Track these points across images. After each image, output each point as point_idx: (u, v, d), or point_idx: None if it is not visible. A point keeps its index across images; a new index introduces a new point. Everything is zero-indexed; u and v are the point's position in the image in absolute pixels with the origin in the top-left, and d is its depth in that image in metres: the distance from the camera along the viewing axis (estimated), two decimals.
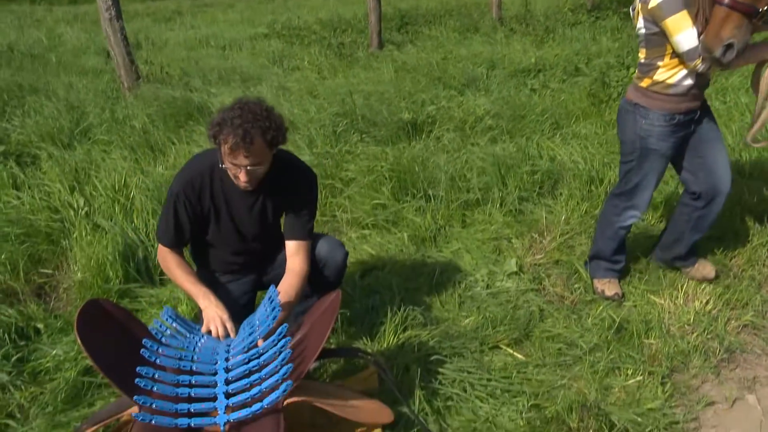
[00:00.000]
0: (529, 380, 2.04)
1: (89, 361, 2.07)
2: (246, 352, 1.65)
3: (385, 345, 2.18)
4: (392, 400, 1.91)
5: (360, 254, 2.80)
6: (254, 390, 1.54)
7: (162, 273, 2.79)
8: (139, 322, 1.79)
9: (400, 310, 2.29)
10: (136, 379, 1.51)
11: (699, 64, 2.03)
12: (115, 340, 1.66)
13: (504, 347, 2.20)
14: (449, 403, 1.94)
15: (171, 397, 1.52)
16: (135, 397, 1.48)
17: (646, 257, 2.67)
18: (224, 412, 1.53)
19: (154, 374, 1.57)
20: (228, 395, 1.56)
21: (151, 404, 1.49)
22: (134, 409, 1.52)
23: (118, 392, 1.98)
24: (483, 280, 2.59)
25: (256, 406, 1.50)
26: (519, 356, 2.15)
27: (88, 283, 2.60)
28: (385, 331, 2.22)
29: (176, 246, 1.95)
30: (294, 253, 1.98)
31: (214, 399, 1.56)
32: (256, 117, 1.74)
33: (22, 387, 2.06)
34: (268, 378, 1.55)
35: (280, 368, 1.55)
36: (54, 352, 2.19)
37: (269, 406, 1.50)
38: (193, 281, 1.89)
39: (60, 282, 2.73)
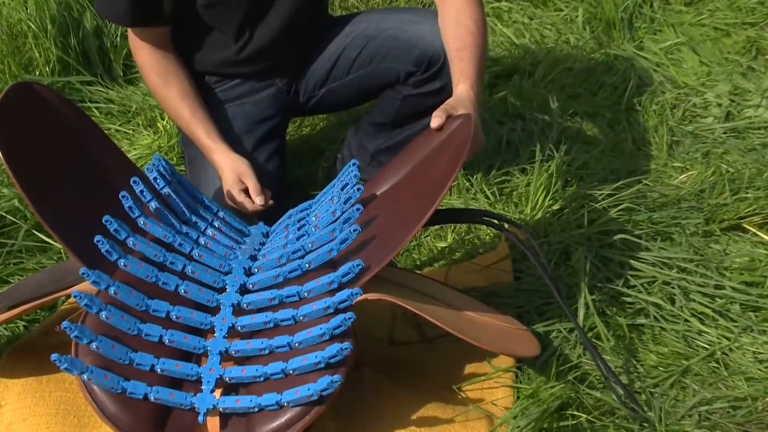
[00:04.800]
0: None
1: (15, 187, 2.13)
2: (279, 286, 1.58)
3: (528, 209, 2.16)
4: (537, 309, 1.91)
5: (490, 45, 2.74)
6: (273, 367, 1.47)
7: (128, 62, 2.80)
8: (106, 137, 1.79)
9: (559, 150, 2.25)
10: (96, 238, 1.52)
11: None
12: (61, 159, 1.67)
13: (751, 228, 2.14)
14: (641, 320, 1.92)
15: (131, 336, 1.51)
16: (82, 271, 1.49)
17: None
18: (211, 390, 1.50)
19: (127, 237, 1.57)
20: (225, 356, 1.53)
21: (109, 287, 1.51)
22: (84, 286, 1.55)
23: (64, 251, 2.06)
24: (719, 105, 2.51)
25: (268, 398, 1.44)
26: None
27: None
28: (531, 185, 2.19)
29: (150, 20, 1.93)
30: None
31: (200, 360, 1.53)
32: None
33: None
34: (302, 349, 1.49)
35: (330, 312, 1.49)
36: None
37: (292, 405, 1.44)
38: (199, 117, 1.94)
39: None
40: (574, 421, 1.68)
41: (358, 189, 1.67)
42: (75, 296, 1.48)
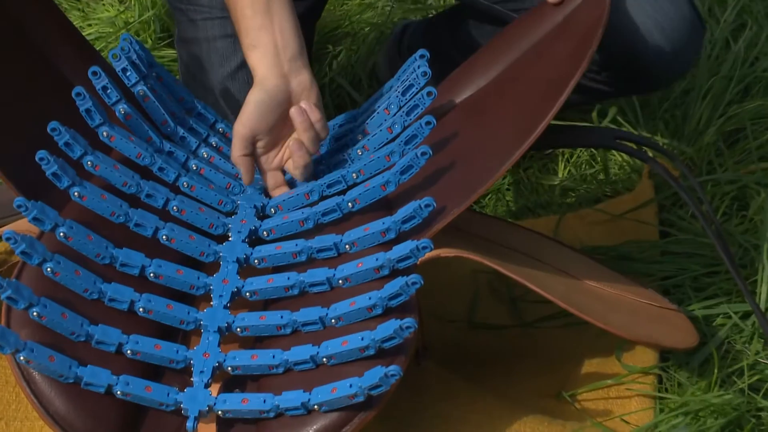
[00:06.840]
0: None
1: None
2: (307, 234, 1.59)
3: (686, 130, 2.16)
4: (695, 281, 1.92)
5: None
6: (297, 353, 1.46)
7: None
8: (54, 5, 1.82)
9: (737, 40, 2.26)
10: (38, 154, 1.53)
11: None
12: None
13: None
14: None
15: (90, 302, 1.50)
16: (18, 202, 1.50)
17: None
18: (205, 384, 1.48)
19: (84, 155, 1.59)
20: (226, 336, 1.53)
21: (57, 228, 1.52)
22: (19, 225, 1.58)
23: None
24: None
25: (291, 398, 1.42)
26: None
27: None
28: (691, 92, 2.20)
29: None
30: None
31: (190, 340, 1.55)
32: None
33: None
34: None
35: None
36: None
37: (326, 408, 1.42)
38: None
39: None
40: None
41: (429, 94, 1.66)
42: (7, 239, 1.47)
